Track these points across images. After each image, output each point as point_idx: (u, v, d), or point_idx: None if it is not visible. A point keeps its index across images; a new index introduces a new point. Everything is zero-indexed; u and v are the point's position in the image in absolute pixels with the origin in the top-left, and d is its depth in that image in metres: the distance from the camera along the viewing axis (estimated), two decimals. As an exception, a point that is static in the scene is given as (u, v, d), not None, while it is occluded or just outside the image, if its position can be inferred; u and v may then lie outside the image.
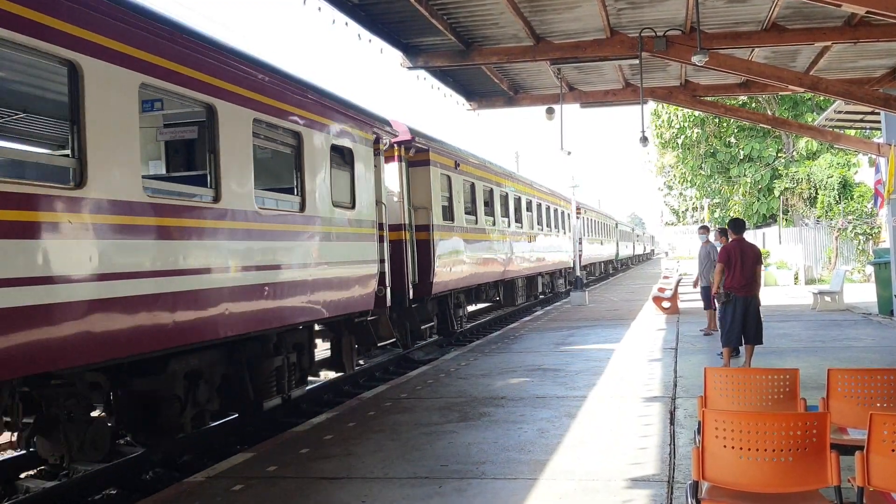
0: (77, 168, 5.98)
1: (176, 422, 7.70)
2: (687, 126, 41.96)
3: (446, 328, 16.28)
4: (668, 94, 16.52)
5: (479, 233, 17.77)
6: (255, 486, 6.16)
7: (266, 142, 8.89)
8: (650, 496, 5.47)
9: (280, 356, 9.31)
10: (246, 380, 8.76)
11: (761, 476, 4.03)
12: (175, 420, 7.67)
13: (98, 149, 6.11)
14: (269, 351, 9.13)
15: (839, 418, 5.18)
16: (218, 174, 7.66)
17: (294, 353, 9.79)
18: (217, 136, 7.68)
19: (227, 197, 7.73)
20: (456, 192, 16.08)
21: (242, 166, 8.07)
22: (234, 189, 7.88)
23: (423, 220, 14.14)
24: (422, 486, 5.90)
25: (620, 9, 11.15)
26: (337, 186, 10.29)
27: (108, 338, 6.15)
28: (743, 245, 10.30)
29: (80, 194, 5.94)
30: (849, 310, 18.39)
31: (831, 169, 34.65)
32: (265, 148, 9.14)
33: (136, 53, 6.61)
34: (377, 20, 11.46)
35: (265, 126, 8.63)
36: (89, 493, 7.32)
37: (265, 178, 9.13)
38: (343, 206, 10.47)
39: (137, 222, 6.58)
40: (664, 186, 58.39)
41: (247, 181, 8.12)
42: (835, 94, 13.57)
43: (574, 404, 8.70)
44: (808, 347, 12.51)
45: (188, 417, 7.84)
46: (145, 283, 6.57)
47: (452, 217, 15.75)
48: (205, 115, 7.73)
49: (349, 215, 10.64)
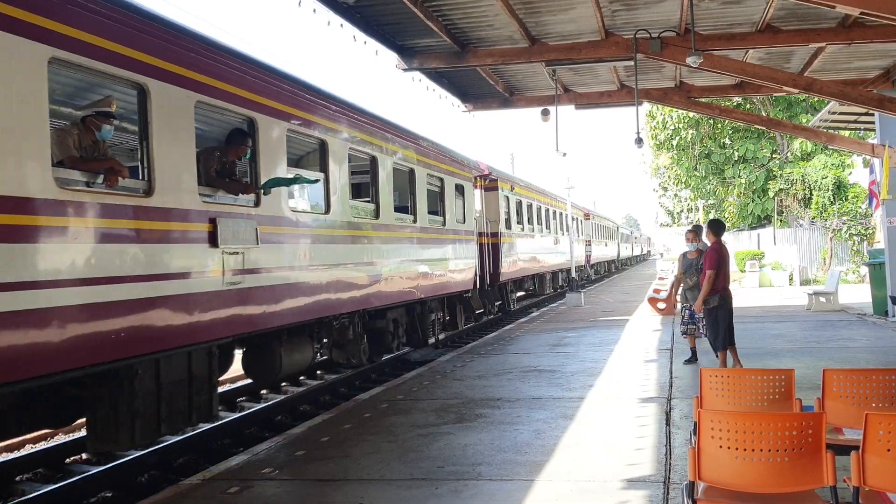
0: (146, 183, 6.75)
1: (390, 347, 12.91)
2: (682, 127, 42.08)
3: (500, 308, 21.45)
4: (662, 95, 16.55)
5: (525, 238, 23.23)
6: (252, 488, 6.15)
7: (429, 185, 14.44)
8: (646, 497, 5.47)
9: (433, 313, 15.03)
10: (417, 326, 14.12)
11: (757, 476, 4.03)
12: (389, 346, 12.85)
13: (163, 162, 6.88)
14: (428, 310, 14.62)
15: (835, 418, 5.19)
16: (414, 207, 13.53)
17: (439, 313, 15.59)
18: (413, 187, 13.57)
19: (420, 220, 13.69)
20: (511, 207, 21.50)
21: (424, 199, 13.94)
22: (421, 213, 13.79)
23: (493, 229, 19.39)
24: (418, 488, 5.90)
25: (615, 10, 11.17)
26: (457, 208, 16.18)
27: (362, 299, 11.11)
28: (723, 245, 10.43)
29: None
30: (844, 310, 18.43)
31: (826, 170, 34.77)
32: (429, 187, 14.46)
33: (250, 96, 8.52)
34: (372, 22, 11.47)
35: (428, 175, 14.25)
36: (85, 496, 7.31)
37: (429, 205, 14.43)
38: (459, 221, 16.24)
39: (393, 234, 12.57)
40: (659, 188, 58.48)
41: (426, 209, 14.15)
42: (829, 95, 13.61)
43: (570, 405, 8.70)
44: (804, 348, 12.54)
45: (397, 344, 13.18)
46: (402, 268, 12.70)
47: (510, 226, 20.99)
48: (408, 175, 13.56)
49: (463, 227, 16.43)
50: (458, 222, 16.00)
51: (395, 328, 12.98)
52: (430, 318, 14.69)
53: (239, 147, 8.39)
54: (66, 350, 5.80)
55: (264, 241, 8.38)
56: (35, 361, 5.56)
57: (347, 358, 11.68)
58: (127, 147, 9.05)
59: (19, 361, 5.42)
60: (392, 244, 12.28)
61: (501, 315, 21.45)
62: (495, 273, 19.30)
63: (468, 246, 16.74)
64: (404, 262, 12.78)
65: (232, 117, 8.36)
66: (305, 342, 10.09)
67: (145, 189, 6.76)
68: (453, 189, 15.77)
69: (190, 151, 7.36)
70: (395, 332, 13.05)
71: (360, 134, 11.17)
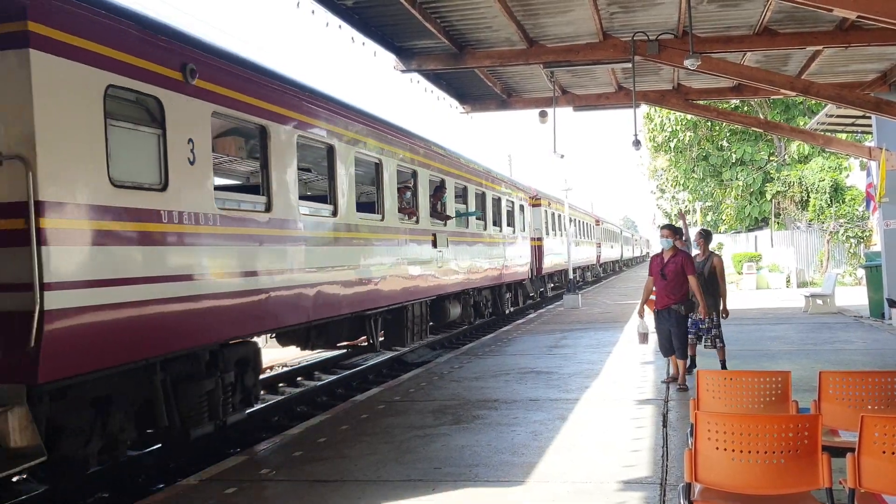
0: (264, 201, 8.70)
1: (483, 314, 19.46)
2: (679, 129, 42.09)
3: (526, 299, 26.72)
4: (660, 97, 16.57)
5: (558, 241, 29.64)
6: (249, 489, 6.16)
7: (507, 206, 21.34)
8: (643, 498, 5.49)
9: (508, 293, 22.04)
10: (497, 301, 20.97)
11: (753, 478, 4.05)
12: (483, 313, 19.41)
13: (278, 185, 8.85)
14: (504, 290, 21.56)
15: (831, 420, 5.21)
16: (501, 222, 20.37)
17: (509, 294, 22.41)
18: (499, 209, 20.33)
19: (505, 231, 20.47)
20: (549, 218, 28.02)
21: (505, 217, 20.81)
22: (505, 226, 20.83)
23: (537, 235, 25.87)
24: (415, 489, 5.91)
25: (613, 13, 11.19)
26: (521, 221, 23.00)
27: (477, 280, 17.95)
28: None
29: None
30: (840, 313, 18.47)
31: (823, 172, 34.81)
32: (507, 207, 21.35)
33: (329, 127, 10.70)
34: (370, 23, 11.47)
35: (507, 200, 21.13)
36: (82, 497, 7.30)
37: (507, 220, 21.32)
38: (521, 230, 22.99)
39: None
40: (657, 189, 58.44)
41: (506, 222, 20.94)
42: (826, 97, 13.63)
43: (567, 407, 8.72)
44: (800, 350, 12.56)
45: (487, 312, 19.81)
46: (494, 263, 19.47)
47: (548, 233, 27.63)
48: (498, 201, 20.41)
49: (523, 234, 23.27)
50: (521, 231, 22.84)
51: (486, 302, 19.92)
52: (505, 296, 21.91)
53: (439, 193, 15.46)
54: (379, 298, 11.97)
55: (450, 245, 15.61)
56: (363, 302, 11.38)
57: (463, 318, 17.99)
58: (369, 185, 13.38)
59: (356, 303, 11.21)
60: (491, 247, 19.35)
61: (541, 300, 28.37)
62: (539, 268, 26.06)
63: (525, 248, 23.63)
64: (496, 259, 19.73)
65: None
66: (458, 303, 17.07)
67: (416, 219, 13.80)
68: (519, 207, 23.01)
69: (425, 195, 14.41)
70: (486, 304, 20.01)
71: (477, 178, 18.29)
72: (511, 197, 21.79)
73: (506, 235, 20.76)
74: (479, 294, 18.89)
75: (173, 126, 7.10)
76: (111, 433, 6.78)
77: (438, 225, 14.93)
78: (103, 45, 6.33)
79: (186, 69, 7.27)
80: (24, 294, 5.55)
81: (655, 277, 9.93)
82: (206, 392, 7.86)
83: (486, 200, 18.79)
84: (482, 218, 18.47)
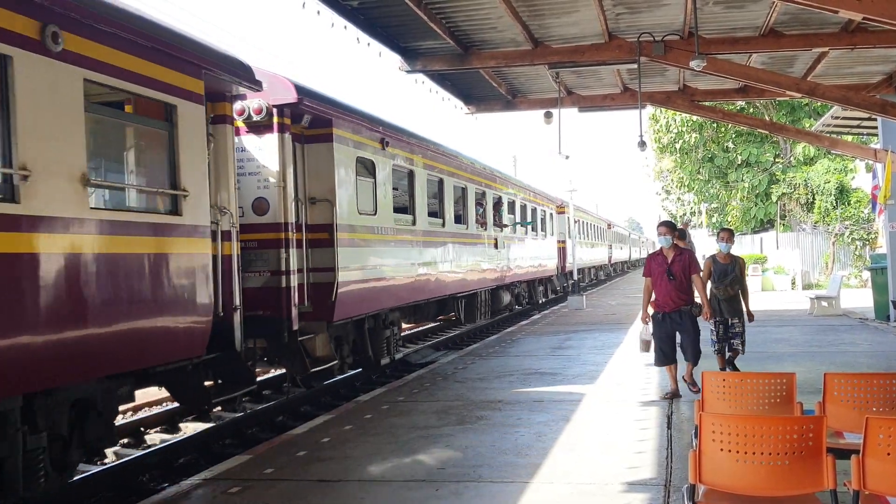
0: (410, 218, 13.79)
1: (521, 303, 24.32)
2: (685, 131, 41.97)
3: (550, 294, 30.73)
4: (666, 98, 16.56)
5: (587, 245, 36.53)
6: (253, 488, 6.16)
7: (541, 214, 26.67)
8: (647, 499, 5.48)
9: (540, 286, 26.97)
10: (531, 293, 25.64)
11: (758, 479, 4.04)
12: (521, 302, 24.32)
13: (419, 206, 14.08)
14: (538, 284, 26.29)
15: (835, 422, 5.19)
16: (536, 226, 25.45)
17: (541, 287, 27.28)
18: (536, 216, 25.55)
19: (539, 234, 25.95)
20: (571, 224, 30.38)
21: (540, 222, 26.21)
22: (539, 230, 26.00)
23: (561, 238, 29.92)
24: (419, 489, 5.91)
25: (619, 13, 11.18)
26: (550, 226, 28.00)
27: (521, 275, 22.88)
28: None
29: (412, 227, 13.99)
30: (845, 315, 18.42)
31: (828, 174, 34.71)
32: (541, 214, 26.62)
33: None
34: (376, 24, 11.48)
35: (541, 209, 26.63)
36: (87, 496, 7.31)
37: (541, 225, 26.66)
38: (552, 234, 28.06)
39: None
40: (662, 191, 58.43)
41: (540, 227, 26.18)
42: (832, 99, 13.61)
43: (571, 408, 8.71)
44: (805, 352, 12.53)
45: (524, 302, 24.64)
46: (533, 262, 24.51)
47: (570, 236, 30.14)
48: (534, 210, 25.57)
49: (553, 238, 28.30)
50: (551, 235, 27.89)
51: (523, 293, 24.25)
52: (538, 289, 26.76)
53: (498, 206, 19.87)
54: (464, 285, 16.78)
55: (507, 246, 20.30)
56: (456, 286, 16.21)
57: (510, 306, 22.16)
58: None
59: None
60: (529, 248, 23.77)
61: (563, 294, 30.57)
62: (563, 266, 30.12)
63: (553, 248, 28.36)
64: (534, 258, 24.34)
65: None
66: (508, 293, 21.63)
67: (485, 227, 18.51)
68: (549, 215, 27.97)
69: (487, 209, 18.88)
70: (523, 295, 24.28)
71: (523, 193, 23.47)
72: (544, 207, 26.92)
73: (540, 239, 25.86)
74: (521, 286, 23.70)
75: (420, 182, 14.24)
76: (363, 347, 12.04)
77: (498, 231, 19.66)
78: (357, 135, 11.42)
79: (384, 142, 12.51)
80: (329, 273, 10.33)
81: (657, 278, 9.18)
82: (390, 336, 12.98)
83: (526, 210, 23.73)
84: (524, 226, 23.23)
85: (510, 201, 21.39)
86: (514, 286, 22.30)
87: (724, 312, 9.82)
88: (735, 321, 9.86)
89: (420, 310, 15.31)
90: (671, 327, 9.16)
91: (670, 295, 9.09)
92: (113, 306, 6.26)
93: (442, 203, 15.65)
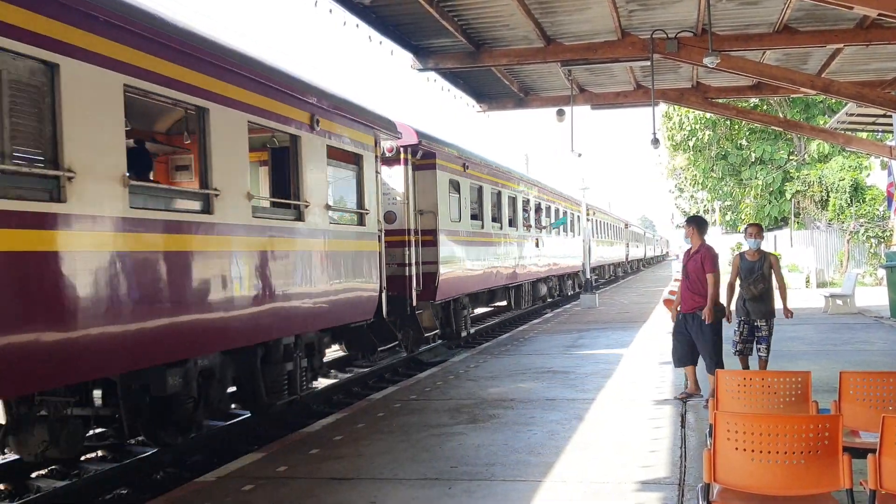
0: (480, 223, 17.49)
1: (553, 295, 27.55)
2: (698, 128, 41.80)
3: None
4: (679, 95, 16.50)
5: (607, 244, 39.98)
6: (265, 486, 6.17)
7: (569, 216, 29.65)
8: (661, 499, 5.45)
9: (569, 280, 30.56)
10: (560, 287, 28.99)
11: (773, 479, 4.01)
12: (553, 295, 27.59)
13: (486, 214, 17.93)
14: (566, 279, 29.85)
15: (851, 421, 5.15)
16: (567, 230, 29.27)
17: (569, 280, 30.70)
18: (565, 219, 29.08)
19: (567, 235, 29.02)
20: (594, 225, 33.27)
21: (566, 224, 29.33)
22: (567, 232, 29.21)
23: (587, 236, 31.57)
24: (431, 488, 5.90)
25: (632, 10, 11.14)
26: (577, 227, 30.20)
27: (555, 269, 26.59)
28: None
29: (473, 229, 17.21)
30: (860, 313, 18.29)
31: (843, 172, 34.45)
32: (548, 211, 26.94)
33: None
34: (388, 22, 11.49)
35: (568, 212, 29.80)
36: (99, 493, 7.35)
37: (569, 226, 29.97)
38: (573, 233, 29.80)
39: None
40: (675, 189, 58.26)
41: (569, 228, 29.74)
42: (847, 96, 13.53)
43: (584, 407, 8.68)
44: (820, 351, 12.45)
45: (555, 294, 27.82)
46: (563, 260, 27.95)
47: (595, 235, 33.65)
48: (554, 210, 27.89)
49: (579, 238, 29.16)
50: (578, 234, 29.66)
51: (555, 286, 27.47)
52: (567, 283, 29.95)
53: (539, 212, 23.29)
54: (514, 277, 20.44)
55: (545, 245, 23.88)
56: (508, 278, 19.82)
57: (545, 297, 25.55)
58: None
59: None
60: (561, 246, 27.14)
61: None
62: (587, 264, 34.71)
63: (579, 247, 29.55)
64: (565, 255, 27.44)
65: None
66: (545, 285, 25.06)
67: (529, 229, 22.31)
68: (576, 217, 30.08)
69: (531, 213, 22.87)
70: (555, 288, 27.43)
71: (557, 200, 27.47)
72: (573, 210, 29.82)
73: (570, 238, 29.12)
74: (553, 280, 27.15)
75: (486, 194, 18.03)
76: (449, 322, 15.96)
77: (538, 232, 23.25)
78: (450, 163, 15.19)
79: None
80: (433, 265, 13.98)
81: (682, 276, 9.00)
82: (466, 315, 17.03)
83: (559, 213, 27.42)
84: (559, 226, 26.70)
85: (547, 206, 25.31)
86: (549, 279, 26.01)
87: (749, 313, 9.07)
88: (761, 323, 9.04)
89: (480, 297, 18.63)
90: (686, 329, 8.84)
91: (684, 294, 8.89)
92: (337, 283, 9.99)
93: (500, 210, 19.31)
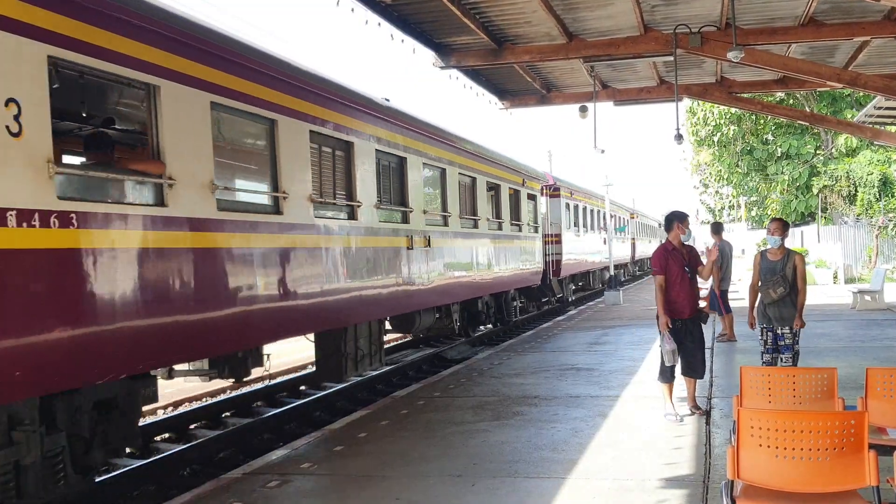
0: (577, 229, 26.36)
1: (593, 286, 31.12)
2: (723, 123, 41.45)
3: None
4: (703, 91, 16.38)
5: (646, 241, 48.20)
6: (292, 482, 6.23)
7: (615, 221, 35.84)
8: (685, 496, 5.43)
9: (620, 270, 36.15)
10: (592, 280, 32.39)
11: (797, 475, 3.99)
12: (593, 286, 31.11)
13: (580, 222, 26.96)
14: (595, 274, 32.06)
15: (878, 418, 5.10)
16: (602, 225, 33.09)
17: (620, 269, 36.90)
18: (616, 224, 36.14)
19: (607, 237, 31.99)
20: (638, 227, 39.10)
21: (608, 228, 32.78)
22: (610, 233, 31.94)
23: (633, 236, 38.49)
24: (455, 485, 5.92)
25: (654, 5, 11.07)
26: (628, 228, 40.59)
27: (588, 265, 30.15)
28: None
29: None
30: (889, 309, 18.06)
31: (871, 166, 34.03)
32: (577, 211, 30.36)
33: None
34: (409, 20, 11.51)
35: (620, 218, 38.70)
36: (128, 489, 7.45)
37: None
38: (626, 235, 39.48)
39: None
40: (700, 185, 57.77)
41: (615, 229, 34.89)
42: (874, 89, 13.33)
43: (608, 404, 8.66)
44: (848, 347, 12.32)
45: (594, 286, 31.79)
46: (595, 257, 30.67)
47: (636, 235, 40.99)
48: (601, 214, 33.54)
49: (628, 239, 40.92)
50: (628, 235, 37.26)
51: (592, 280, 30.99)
52: (619, 271, 32.55)
53: (604, 218, 30.32)
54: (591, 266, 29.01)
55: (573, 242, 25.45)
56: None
57: (603, 282, 30.20)
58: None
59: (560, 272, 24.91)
60: (619, 246, 32.49)
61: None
62: (633, 256, 41.92)
63: (628, 247, 37.92)
64: (597, 253, 29.20)
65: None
66: (606, 273, 28.86)
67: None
68: (626, 220, 36.01)
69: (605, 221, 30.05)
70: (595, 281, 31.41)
71: (615, 208, 33.53)
72: (620, 214, 36.35)
73: (625, 239, 36.17)
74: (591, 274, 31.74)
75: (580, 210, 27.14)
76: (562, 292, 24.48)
77: (604, 234, 28.81)
78: (566, 192, 24.47)
79: None
80: (558, 255, 22.58)
81: (675, 276, 7.93)
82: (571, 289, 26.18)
83: (616, 218, 32.37)
84: (621, 231, 34.05)
85: (612, 215, 30.67)
86: (607, 269, 31.14)
87: (771, 320, 8.18)
88: (784, 331, 8.13)
89: (576, 277, 27.13)
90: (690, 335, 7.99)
91: (689, 296, 7.98)
92: (524, 262, 18.99)
93: (586, 219, 27.58)
